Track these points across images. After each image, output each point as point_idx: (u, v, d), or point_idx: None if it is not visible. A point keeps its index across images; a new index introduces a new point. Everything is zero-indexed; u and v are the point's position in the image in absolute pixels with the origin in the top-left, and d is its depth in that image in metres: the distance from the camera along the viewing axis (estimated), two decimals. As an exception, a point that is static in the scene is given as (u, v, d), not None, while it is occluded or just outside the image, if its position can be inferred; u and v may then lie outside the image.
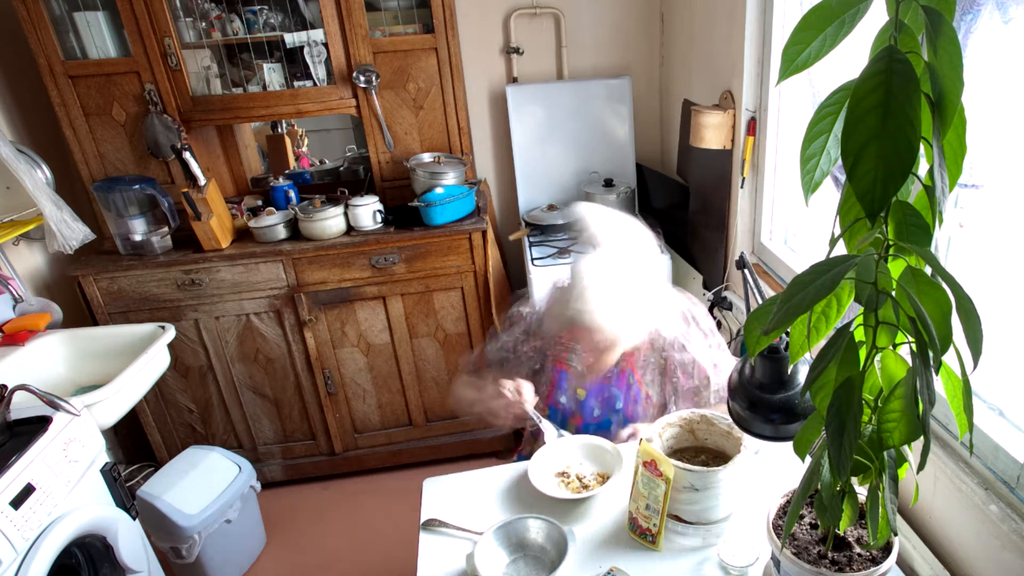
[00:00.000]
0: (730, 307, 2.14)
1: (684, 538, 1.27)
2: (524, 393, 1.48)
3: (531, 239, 2.51)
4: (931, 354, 0.71)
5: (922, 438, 0.76)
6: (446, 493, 1.46)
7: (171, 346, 2.13)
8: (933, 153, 0.69)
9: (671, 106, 2.75)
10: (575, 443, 1.50)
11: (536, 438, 1.77)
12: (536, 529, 1.27)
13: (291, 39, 2.30)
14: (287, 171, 2.87)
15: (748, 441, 1.26)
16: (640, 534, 1.27)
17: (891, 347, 0.81)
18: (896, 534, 0.99)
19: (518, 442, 1.73)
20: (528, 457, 1.62)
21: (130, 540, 1.72)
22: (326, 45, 2.30)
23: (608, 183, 2.66)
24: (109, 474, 1.73)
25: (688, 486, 1.22)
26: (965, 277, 0.74)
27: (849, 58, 1.00)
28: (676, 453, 1.37)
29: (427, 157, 2.49)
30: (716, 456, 1.35)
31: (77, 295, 2.38)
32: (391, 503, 2.59)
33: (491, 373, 1.62)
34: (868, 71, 0.65)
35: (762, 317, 0.84)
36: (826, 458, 0.87)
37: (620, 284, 1.41)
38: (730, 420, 1.32)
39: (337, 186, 2.64)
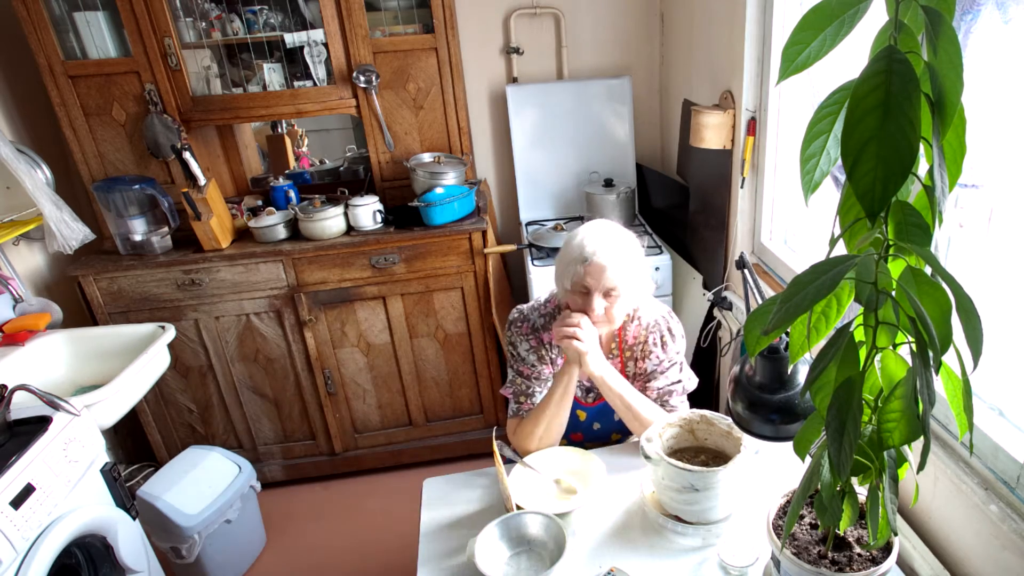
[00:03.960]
0: (730, 307, 2.14)
1: (684, 538, 1.27)
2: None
3: (534, 259, 2.48)
4: (931, 354, 0.71)
5: (922, 438, 0.76)
6: (446, 493, 1.46)
7: (171, 346, 2.13)
8: (933, 153, 0.69)
9: (671, 106, 2.75)
10: (555, 456, 1.49)
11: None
12: (536, 524, 1.27)
13: (291, 39, 2.30)
14: (287, 171, 2.87)
15: (748, 441, 1.26)
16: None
17: (891, 347, 0.81)
18: (896, 534, 0.99)
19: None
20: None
21: (130, 540, 1.72)
22: (326, 45, 2.30)
23: (608, 183, 2.66)
24: (109, 474, 1.73)
25: (688, 486, 1.22)
26: (965, 277, 0.74)
27: (849, 58, 1.00)
28: (676, 453, 1.37)
29: (427, 157, 2.49)
30: (716, 456, 1.35)
31: (77, 295, 2.38)
32: (391, 503, 2.59)
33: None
34: (868, 71, 0.65)
35: (762, 317, 0.84)
36: (826, 458, 0.87)
37: (615, 233, 1.47)
38: (730, 420, 1.32)
39: (337, 186, 2.64)
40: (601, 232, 1.46)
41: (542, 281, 2.39)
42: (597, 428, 1.63)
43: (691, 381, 1.59)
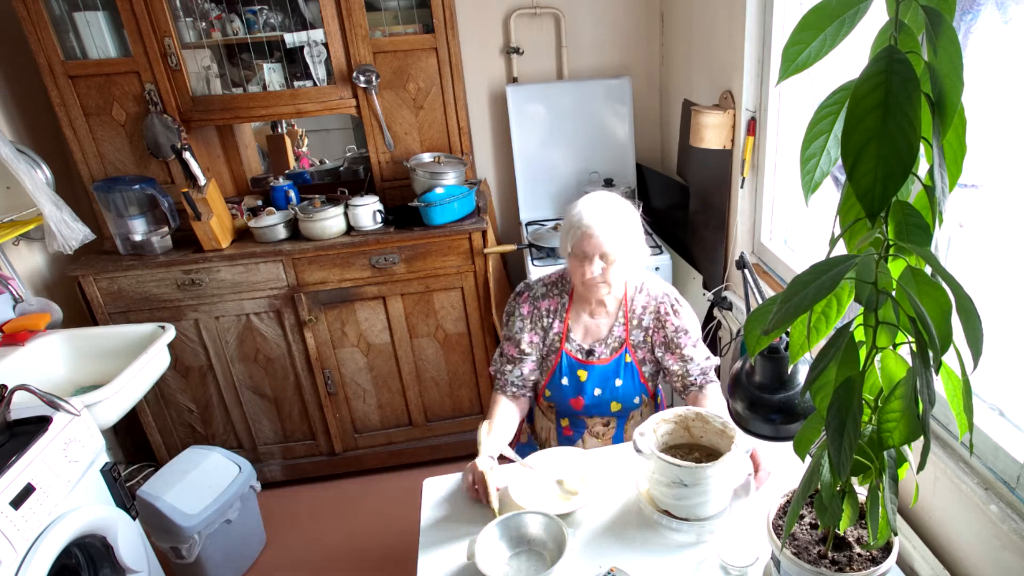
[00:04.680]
0: (730, 307, 2.14)
1: (678, 534, 1.28)
2: (487, 482, 1.39)
3: (534, 259, 2.48)
4: (931, 354, 0.71)
5: (922, 438, 0.76)
6: (446, 493, 1.46)
7: (171, 346, 2.13)
8: (933, 153, 0.69)
9: (671, 106, 2.75)
10: (556, 456, 1.49)
11: (533, 430, 1.83)
12: (536, 524, 1.27)
13: (291, 39, 2.30)
14: (287, 171, 2.87)
15: (740, 440, 1.26)
16: None
17: (891, 347, 0.81)
18: (896, 534, 0.99)
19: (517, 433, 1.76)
20: (526, 446, 1.72)
21: (130, 540, 1.72)
22: (326, 45, 2.30)
23: (608, 183, 2.66)
24: (109, 474, 1.73)
25: (677, 481, 1.23)
26: (965, 277, 0.74)
27: (849, 58, 1.00)
28: (670, 449, 1.37)
29: (427, 157, 2.49)
30: (710, 454, 1.35)
31: (77, 295, 2.38)
32: (391, 503, 2.59)
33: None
34: (868, 71, 0.65)
35: (762, 317, 0.84)
36: (826, 458, 0.87)
37: (612, 201, 1.55)
38: (724, 418, 1.33)
39: (337, 186, 2.64)
40: (598, 201, 1.55)
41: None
42: (598, 394, 1.64)
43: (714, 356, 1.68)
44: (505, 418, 1.61)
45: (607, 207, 1.53)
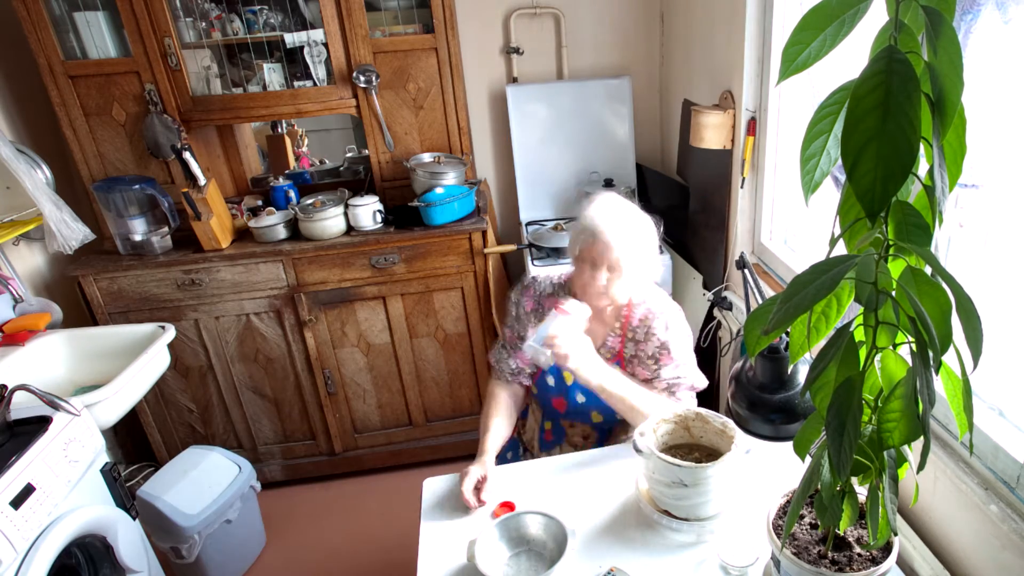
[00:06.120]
0: (730, 307, 2.14)
1: (678, 534, 1.28)
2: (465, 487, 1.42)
3: (534, 259, 2.48)
4: (931, 354, 0.71)
5: (922, 438, 0.76)
6: (446, 493, 1.46)
7: (171, 346, 2.13)
8: (933, 153, 0.69)
9: (671, 106, 2.75)
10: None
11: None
12: (536, 524, 1.27)
13: (291, 39, 2.30)
14: (287, 171, 2.87)
15: (740, 440, 1.26)
16: None
17: (891, 347, 0.81)
18: (896, 534, 0.99)
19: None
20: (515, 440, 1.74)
21: (130, 540, 1.72)
22: (326, 45, 2.30)
23: (608, 183, 2.66)
24: (109, 474, 1.73)
25: (677, 481, 1.23)
26: (965, 277, 0.74)
27: (849, 58, 1.00)
28: (670, 449, 1.37)
29: (427, 157, 2.49)
30: (710, 454, 1.35)
31: (77, 295, 2.38)
32: (391, 503, 2.59)
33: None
34: (868, 71, 0.65)
35: (762, 317, 0.84)
36: (826, 458, 0.87)
37: (627, 212, 1.52)
38: (724, 418, 1.33)
39: (337, 186, 2.64)
40: (615, 210, 1.51)
41: (542, 281, 2.38)
42: (581, 400, 1.61)
43: (700, 379, 1.60)
44: (501, 419, 1.62)
45: (623, 218, 1.50)
